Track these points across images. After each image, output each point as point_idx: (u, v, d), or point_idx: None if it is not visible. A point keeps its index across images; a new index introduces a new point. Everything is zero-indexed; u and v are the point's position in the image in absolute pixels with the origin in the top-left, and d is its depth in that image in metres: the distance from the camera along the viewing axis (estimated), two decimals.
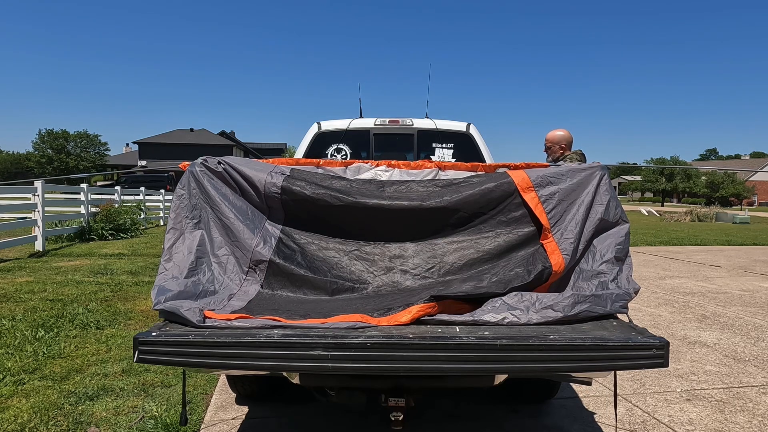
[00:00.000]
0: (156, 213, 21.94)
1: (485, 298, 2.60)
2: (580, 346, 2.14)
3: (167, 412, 3.62)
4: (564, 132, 4.70)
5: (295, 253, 3.01)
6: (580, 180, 3.02)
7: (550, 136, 4.70)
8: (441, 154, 5.03)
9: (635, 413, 3.80)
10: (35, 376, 4.22)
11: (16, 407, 3.65)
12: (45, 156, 69.80)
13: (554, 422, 3.64)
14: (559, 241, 2.85)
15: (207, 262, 2.87)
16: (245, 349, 2.13)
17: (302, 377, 2.41)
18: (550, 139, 4.71)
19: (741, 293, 8.42)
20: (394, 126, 5.13)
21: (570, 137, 4.69)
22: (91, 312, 6.24)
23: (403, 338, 2.16)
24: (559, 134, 4.68)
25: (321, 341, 2.12)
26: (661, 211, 38.80)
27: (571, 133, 4.71)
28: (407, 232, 3.05)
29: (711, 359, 5.03)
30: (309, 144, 5.10)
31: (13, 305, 6.54)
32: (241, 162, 3.16)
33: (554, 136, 4.68)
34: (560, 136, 4.67)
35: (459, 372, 2.17)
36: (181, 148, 56.07)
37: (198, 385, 4.21)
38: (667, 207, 57.44)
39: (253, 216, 3.08)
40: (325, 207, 3.01)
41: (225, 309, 2.57)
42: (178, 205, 2.98)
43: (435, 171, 3.36)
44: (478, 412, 3.75)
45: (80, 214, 14.78)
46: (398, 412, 2.50)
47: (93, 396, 3.88)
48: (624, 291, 2.64)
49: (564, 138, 4.67)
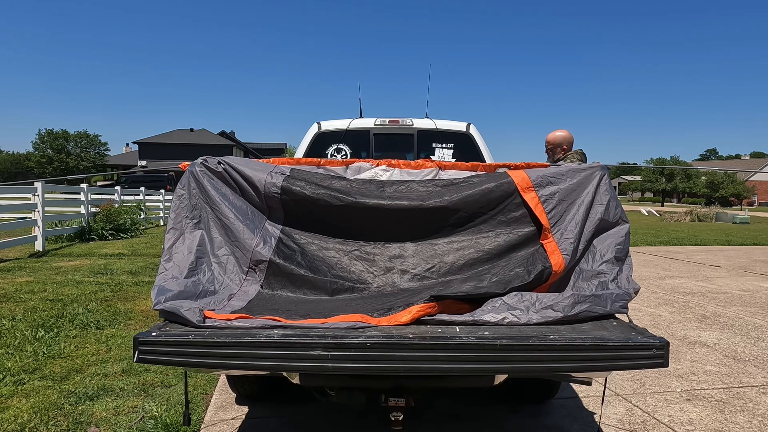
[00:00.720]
0: (156, 213, 21.94)
1: (485, 298, 2.60)
2: (580, 346, 2.14)
3: (167, 412, 3.62)
4: (564, 132, 4.69)
5: (295, 253, 3.01)
6: (580, 180, 3.02)
7: (551, 138, 4.69)
8: (441, 154, 5.03)
9: (635, 413, 3.80)
10: (35, 376, 4.22)
11: (16, 407, 3.65)
12: (45, 156, 69.81)
13: (554, 422, 3.64)
14: (559, 241, 2.85)
15: (207, 262, 2.87)
16: (245, 349, 2.13)
17: (302, 377, 2.41)
18: (550, 140, 4.70)
19: (741, 293, 8.42)
20: (394, 126, 5.13)
21: (570, 137, 4.69)
22: (91, 312, 6.24)
23: (403, 338, 2.16)
24: (560, 135, 4.67)
25: (321, 341, 2.12)
26: (661, 211, 38.80)
27: (571, 134, 4.70)
28: (407, 232, 3.05)
29: (711, 359, 5.03)
30: (309, 144, 5.10)
31: (13, 305, 6.54)
32: (241, 162, 3.16)
33: (555, 137, 4.68)
34: (561, 136, 4.67)
35: (459, 372, 2.17)
36: (181, 148, 56.06)
37: (198, 385, 4.21)
38: (667, 207, 57.45)
39: (253, 216, 3.08)
40: (325, 207, 3.01)
41: (225, 309, 2.57)
42: (178, 205, 2.98)
43: (435, 171, 3.36)
44: (478, 412, 3.75)
45: (80, 214, 14.78)
46: (398, 412, 2.50)
47: (93, 396, 3.88)
48: (624, 291, 2.64)
49: (565, 139, 4.66)
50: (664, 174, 76.19)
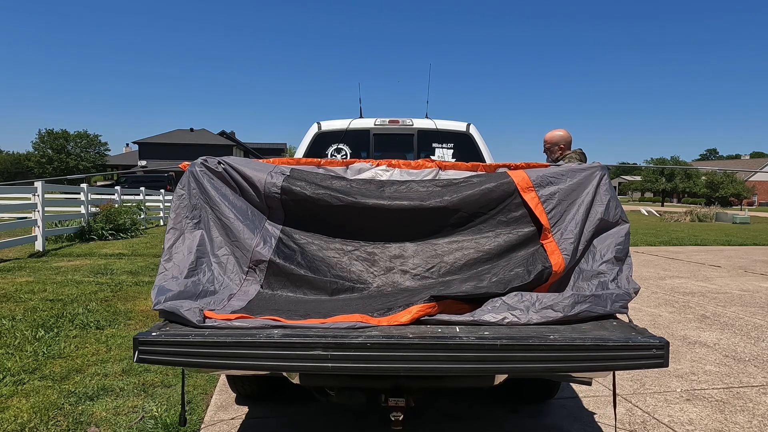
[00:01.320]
0: (156, 213, 21.95)
1: (485, 298, 2.60)
2: (580, 346, 2.14)
3: (167, 412, 3.62)
4: (563, 132, 4.69)
5: (295, 253, 3.01)
6: (580, 180, 3.02)
7: (549, 137, 4.69)
8: (441, 154, 5.03)
9: (635, 413, 3.80)
10: (35, 376, 4.22)
11: (16, 407, 3.65)
12: (45, 156, 69.79)
13: (554, 422, 3.64)
14: (559, 241, 2.85)
15: (207, 262, 2.87)
16: (245, 349, 2.13)
17: (302, 377, 2.41)
18: (548, 139, 4.70)
19: (741, 293, 8.42)
20: (394, 126, 5.13)
21: (569, 137, 4.68)
22: (91, 312, 6.24)
23: (403, 338, 2.15)
24: (558, 134, 4.67)
25: (321, 341, 2.12)
26: (661, 211, 38.80)
27: (569, 133, 4.70)
28: (407, 232, 3.04)
29: (711, 359, 5.03)
30: (309, 144, 5.10)
31: (13, 305, 6.54)
32: (241, 162, 3.16)
33: (553, 136, 4.68)
34: (559, 136, 4.66)
35: (459, 372, 2.17)
36: (181, 148, 56.05)
37: (198, 385, 4.21)
38: (667, 207, 57.44)
39: (253, 216, 3.08)
40: (325, 207, 3.01)
41: (225, 309, 2.57)
42: (178, 205, 2.99)
43: (435, 171, 3.36)
44: (478, 412, 3.75)
45: (80, 214, 14.78)
46: (398, 412, 2.50)
47: (93, 396, 3.88)
48: (624, 291, 2.64)
49: (563, 138, 4.66)
50: (664, 174, 76.19)
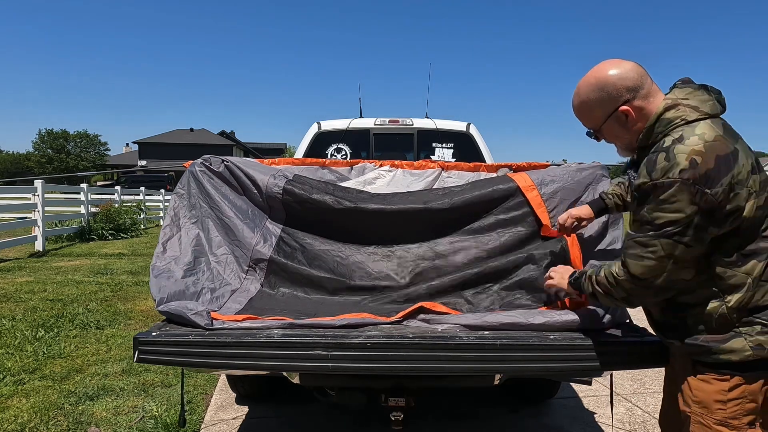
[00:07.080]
0: (156, 213, 21.92)
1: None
2: (580, 346, 2.14)
3: (167, 412, 3.62)
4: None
5: (295, 252, 3.00)
6: (581, 179, 3.02)
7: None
8: (441, 154, 5.03)
9: (635, 413, 3.80)
10: (35, 376, 4.22)
11: (16, 407, 3.65)
12: (45, 156, 69.79)
13: (554, 422, 3.64)
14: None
15: (206, 261, 2.86)
16: (245, 349, 2.13)
17: (302, 377, 2.41)
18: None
19: None
20: (394, 126, 5.13)
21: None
22: (91, 312, 6.24)
23: (403, 338, 2.15)
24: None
25: (321, 341, 2.12)
26: None
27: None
28: (409, 233, 3.04)
29: None
30: (309, 144, 5.09)
31: (13, 305, 6.54)
32: (243, 162, 3.16)
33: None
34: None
35: (459, 372, 2.17)
36: (181, 148, 56.00)
37: (198, 385, 4.21)
38: None
39: (253, 215, 3.07)
40: (327, 209, 3.00)
41: (225, 308, 2.57)
42: (177, 204, 2.98)
43: (438, 171, 3.36)
44: (478, 412, 3.75)
45: (80, 214, 14.77)
46: (398, 412, 2.50)
47: (93, 396, 3.88)
48: None
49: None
50: None
